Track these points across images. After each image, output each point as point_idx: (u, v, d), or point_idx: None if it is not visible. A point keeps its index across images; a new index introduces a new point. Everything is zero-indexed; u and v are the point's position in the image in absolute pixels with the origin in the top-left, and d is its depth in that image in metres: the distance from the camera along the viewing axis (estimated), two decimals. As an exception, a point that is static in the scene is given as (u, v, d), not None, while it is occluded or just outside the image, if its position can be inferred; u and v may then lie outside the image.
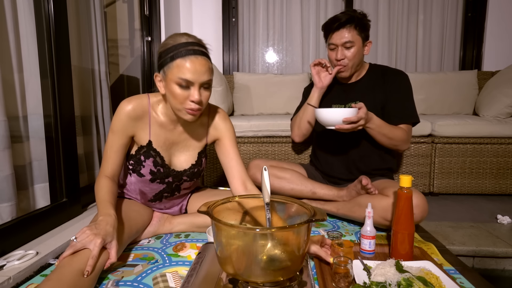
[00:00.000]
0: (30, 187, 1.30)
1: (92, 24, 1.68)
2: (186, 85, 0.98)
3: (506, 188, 1.98)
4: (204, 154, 1.23)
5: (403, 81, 1.44)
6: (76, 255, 0.86)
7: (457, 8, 2.79)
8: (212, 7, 2.83)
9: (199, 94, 0.99)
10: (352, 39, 1.36)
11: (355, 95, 1.48)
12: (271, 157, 2.05)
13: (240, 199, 0.96)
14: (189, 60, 0.96)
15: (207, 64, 0.99)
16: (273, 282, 0.80)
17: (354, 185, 1.39)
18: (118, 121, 1.07)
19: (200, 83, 0.98)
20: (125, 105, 1.07)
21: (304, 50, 2.89)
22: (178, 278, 0.97)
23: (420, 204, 1.17)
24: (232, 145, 1.20)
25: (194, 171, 1.20)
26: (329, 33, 1.42)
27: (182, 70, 0.96)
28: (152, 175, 1.14)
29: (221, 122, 1.20)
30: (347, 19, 1.35)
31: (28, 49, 1.26)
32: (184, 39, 0.99)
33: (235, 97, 2.56)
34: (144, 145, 1.12)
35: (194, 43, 0.99)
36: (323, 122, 1.29)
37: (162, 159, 1.14)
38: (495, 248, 1.30)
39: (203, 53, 1.00)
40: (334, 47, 1.41)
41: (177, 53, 0.97)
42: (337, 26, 1.37)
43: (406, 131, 1.41)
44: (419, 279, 0.82)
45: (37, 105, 1.30)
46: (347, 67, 1.42)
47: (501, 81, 2.20)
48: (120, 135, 1.08)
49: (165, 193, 1.22)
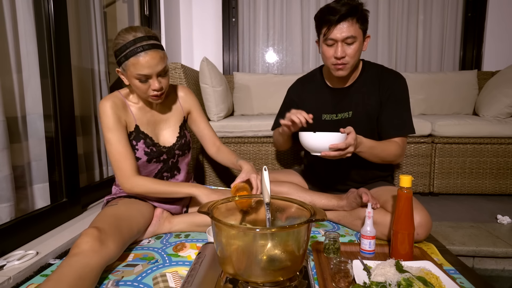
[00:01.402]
0: (29, 187, 1.30)
1: (92, 24, 1.68)
2: (145, 78, 1.09)
3: (506, 188, 1.98)
4: (184, 126, 1.35)
5: (400, 87, 1.32)
6: (76, 254, 0.87)
7: (457, 8, 2.79)
8: (212, 7, 2.83)
9: (158, 82, 1.10)
10: (355, 33, 1.18)
11: (347, 102, 1.35)
12: (271, 157, 2.05)
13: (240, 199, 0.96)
14: (141, 57, 1.05)
15: (158, 55, 1.07)
16: (273, 282, 0.80)
17: (354, 197, 1.31)
18: (109, 118, 1.14)
19: (156, 73, 1.09)
20: (105, 102, 1.15)
21: (304, 50, 2.89)
22: (178, 278, 0.96)
23: (424, 224, 1.13)
24: (201, 115, 1.38)
25: (182, 142, 1.30)
26: (325, 26, 1.21)
27: (137, 67, 1.06)
28: (148, 155, 1.21)
29: (188, 96, 1.35)
30: (348, 10, 1.16)
31: (27, 49, 1.26)
32: (132, 36, 1.06)
33: (235, 97, 2.56)
34: (133, 130, 1.20)
35: (142, 38, 1.06)
36: (308, 147, 1.15)
37: (151, 139, 1.23)
38: (495, 248, 1.30)
39: (152, 45, 1.07)
40: (332, 43, 1.21)
41: (128, 52, 1.05)
42: (338, 19, 1.16)
43: (400, 145, 1.30)
44: (419, 279, 0.82)
45: (36, 105, 1.30)
46: (347, 65, 1.24)
47: (501, 81, 2.20)
48: (118, 127, 1.15)
49: (164, 173, 1.27)
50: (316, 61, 2.89)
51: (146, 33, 1.08)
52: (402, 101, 1.32)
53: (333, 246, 1.08)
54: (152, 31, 1.12)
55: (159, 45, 1.11)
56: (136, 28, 1.08)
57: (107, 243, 0.94)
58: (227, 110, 2.21)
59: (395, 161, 1.34)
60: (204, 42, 2.86)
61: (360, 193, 1.27)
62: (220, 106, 2.11)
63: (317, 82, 1.45)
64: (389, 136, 1.32)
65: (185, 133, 1.33)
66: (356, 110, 1.34)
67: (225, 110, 2.18)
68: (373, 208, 1.23)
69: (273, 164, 2.05)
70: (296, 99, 1.49)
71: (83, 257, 0.86)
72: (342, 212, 1.39)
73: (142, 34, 1.07)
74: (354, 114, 1.35)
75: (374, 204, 1.24)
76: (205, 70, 2.04)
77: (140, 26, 1.11)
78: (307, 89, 1.47)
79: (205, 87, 2.07)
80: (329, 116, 1.39)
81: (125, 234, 1.05)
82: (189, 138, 1.34)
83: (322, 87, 1.42)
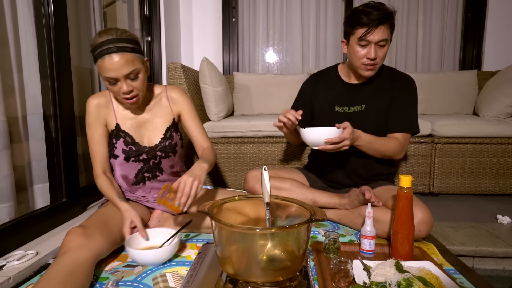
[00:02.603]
0: (29, 188, 1.30)
1: (92, 24, 1.68)
2: (114, 81, 1.07)
3: (506, 188, 1.98)
4: (173, 129, 1.29)
5: (411, 90, 1.40)
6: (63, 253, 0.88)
7: (457, 8, 2.79)
8: (212, 7, 2.83)
9: (127, 86, 1.08)
10: (387, 37, 1.27)
11: (361, 96, 1.41)
12: (271, 157, 2.05)
13: (240, 199, 0.96)
14: (105, 60, 1.04)
15: (123, 58, 1.04)
16: (273, 282, 0.80)
17: (356, 195, 1.33)
18: (89, 115, 1.19)
19: (123, 76, 1.06)
20: (91, 100, 1.20)
21: (304, 50, 2.89)
22: (178, 278, 0.96)
23: (426, 221, 1.14)
24: (191, 117, 1.32)
25: (165, 144, 1.26)
26: (363, 28, 1.25)
27: (103, 70, 1.06)
28: (125, 154, 1.21)
29: (179, 97, 1.31)
30: (386, 16, 1.25)
31: (27, 49, 1.26)
32: (101, 39, 1.04)
33: (235, 97, 2.56)
34: (113, 128, 1.21)
35: (110, 40, 1.04)
36: (307, 142, 1.24)
37: (131, 138, 1.22)
38: (495, 248, 1.30)
39: (119, 48, 1.04)
40: (366, 44, 1.27)
41: (96, 54, 1.05)
42: (378, 23, 1.23)
43: (400, 141, 1.35)
44: (419, 279, 0.82)
45: (36, 105, 1.30)
46: (376, 66, 1.31)
47: (501, 81, 2.20)
48: (95, 125, 1.19)
49: (145, 173, 1.26)
50: (316, 61, 2.89)
51: (118, 36, 1.05)
52: (410, 101, 1.39)
53: (333, 246, 1.08)
54: (129, 34, 1.09)
55: (128, 48, 1.06)
56: (108, 31, 1.06)
57: (93, 236, 0.95)
58: (227, 110, 2.21)
59: (394, 156, 1.37)
60: (204, 42, 2.86)
61: (363, 190, 1.28)
62: (220, 106, 2.11)
63: (332, 76, 1.50)
64: (393, 131, 1.37)
65: (172, 135, 1.28)
66: (369, 104, 1.38)
67: (225, 110, 2.18)
68: (375, 206, 1.25)
69: (273, 164, 2.05)
70: (309, 91, 1.53)
71: (71, 253, 0.88)
72: (343, 210, 1.39)
73: (112, 36, 1.04)
74: (366, 108, 1.39)
75: (376, 201, 1.25)
76: (205, 70, 2.04)
77: (117, 29, 1.08)
78: (321, 82, 1.51)
79: (205, 87, 2.07)
80: (342, 108, 1.43)
81: (114, 230, 1.06)
82: (176, 141, 1.29)
83: (337, 81, 1.47)
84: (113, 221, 1.08)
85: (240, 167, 2.07)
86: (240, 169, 2.07)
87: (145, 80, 1.14)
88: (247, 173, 1.56)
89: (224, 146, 2.06)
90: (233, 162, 2.07)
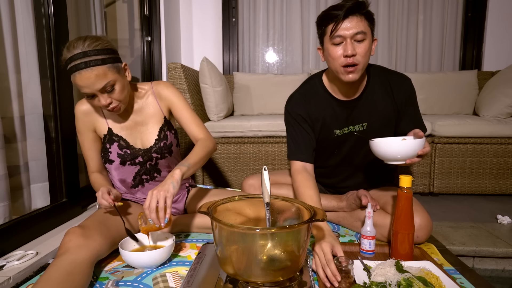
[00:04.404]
0: (26, 187, 1.30)
1: (92, 24, 1.68)
2: (90, 95, 1.04)
3: (506, 188, 1.98)
4: (166, 128, 1.25)
5: (410, 89, 1.27)
6: (62, 254, 0.88)
7: (457, 8, 2.79)
8: (212, 7, 2.83)
9: (104, 99, 1.04)
10: (365, 29, 1.07)
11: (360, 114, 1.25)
12: (271, 157, 2.05)
13: (240, 199, 0.96)
14: (76, 77, 1.00)
15: (92, 74, 0.99)
16: (273, 282, 0.80)
17: (353, 199, 1.31)
18: (78, 121, 1.19)
19: (97, 91, 1.02)
20: (78, 106, 1.18)
21: (304, 50, 2.89)
22: (178, 278, 0.96)
23: (424, 226, 1.13)
24: (181, 109, 1.26)
25: (160, 145, 1.22)
26: (331, 23, 1.09)
27: (77, 87, 1.02)
28: (121, 158, 1.19)
29: (164, 91, 1.25)
30: (355, 4, 1.06)
31: (26, 49, 1.25)
32: (69, 54, 0.99)
33: (235, 97, 2.56)
34: (106, 133, 1.20)
35: (76, 56, 0.97)
36: (393, 156, 1.05)
37: (125, 141, 1.20)
38: (495, 248, 1.30)
39: (86, 64, 0.98)
40: (340, 41, 1.08)
41: (68, 71, 1.01)
42: (345, 13, 1.05)
43: None
44: (419, 279, 0.82)
45: (35, 105, 1.30)
46: (358, 67, 1.10)
47: (501, 81, 2.20)
48: (85, 132, 1.19)
49: (143, 176, 1.24)
50: (316, 61, 2.89)
51: (85, 49, 0.98)
52: (414, 103, 1.29)
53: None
54: (98, 44, 1.01)
55: (98, 61, 0.99)
56: (76, 43, 0.99)
57: (92, 236, 0.95)
58: (227, 110, 2.21)
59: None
60: (204, 42, 2.86)
61: (360, 195, 1.27)
62: (220, 106, 2.11)
63: (322, 95, 1.28)
64: None
65: (166, 135, 1.24)
66: (371, 120, 1.25)
67: (225, 110, 2.18)
68: (373, 210, 1.23)
69: (273, 164, 2.05)
70: (305, 116, 1.28)
71: (69, 254, 0.88)
72: (342, 213, 1.39)
73: (79, 50, 0.98)
74: (369, 125, 1.26)
75: (374, 206, 1.24)
76: (205, 70, 2.04)
77: (85, 39, 1.01)
78: (313, 104, 1.28)
79: (205, 87, 2.07)
80: (341, 131, 1.28)
81: (113, 230, 1.06)
82: (171, 141, 1.25)
83: (329, 100, 1.27)
84: (112, 221, 1.08)
85: (240, 167, 2.07)
86: (240, 169, 2.07)
87: (124, 88, 1.08)
88: (243, 180, 1.55)
89: (224, 146, 2.06)
90: (233, 162, 2.07)
